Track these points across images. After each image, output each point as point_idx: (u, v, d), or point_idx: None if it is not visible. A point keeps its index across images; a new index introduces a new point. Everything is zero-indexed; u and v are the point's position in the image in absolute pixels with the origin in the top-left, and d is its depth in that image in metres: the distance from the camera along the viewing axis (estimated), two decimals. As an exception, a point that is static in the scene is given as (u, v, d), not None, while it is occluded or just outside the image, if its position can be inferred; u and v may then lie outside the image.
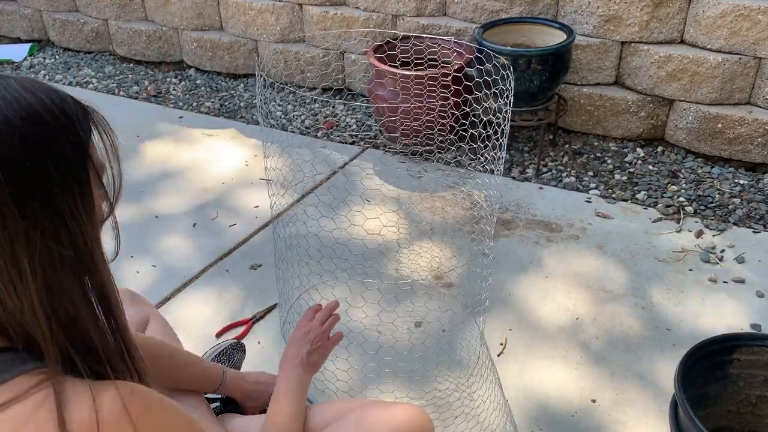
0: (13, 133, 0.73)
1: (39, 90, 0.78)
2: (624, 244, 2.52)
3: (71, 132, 0.78)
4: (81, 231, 0.78)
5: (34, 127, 0.74)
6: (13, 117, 0.74)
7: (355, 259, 2.37)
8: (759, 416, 1.65)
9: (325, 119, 3.51)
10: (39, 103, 0.76)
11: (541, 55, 2.79)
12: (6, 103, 0.74)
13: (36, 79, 0.80)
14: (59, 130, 0.76)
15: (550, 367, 2.02)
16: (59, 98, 0.79)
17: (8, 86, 0.76)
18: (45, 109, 0.76)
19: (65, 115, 0.78)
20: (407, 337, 2.09)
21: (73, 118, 0.79)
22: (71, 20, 4.32)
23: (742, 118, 2.89)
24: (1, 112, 0.73)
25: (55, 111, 0.77)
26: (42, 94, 0.77)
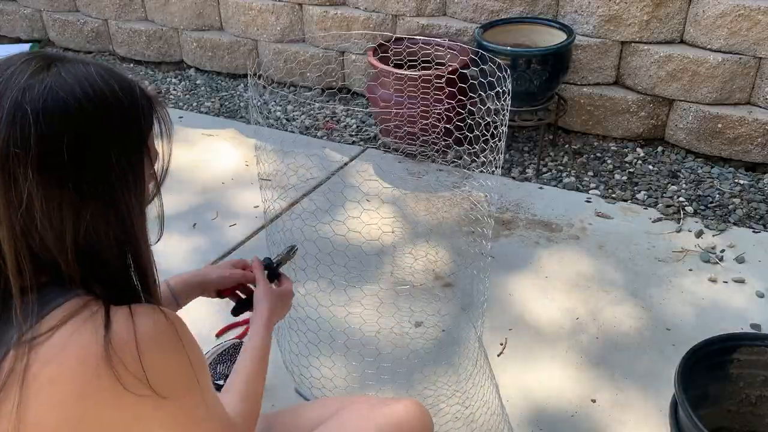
0: (83, 115, 0.79)
1: (113, 78, 0.84)
2: (624, 244, 2.52)
3: (135, 120, 0.85)
4: (129, 212, 0.85)
5: (103, 112, 0.81)
6: (85, 100, 0.80)
7: (352, 263, 2.37)
8: (759, 416, 1.65)
9: (324, 119, 3.51)
10: (110, 90, 0.82)
11: (541, 55, 2.79)
12: (82, 87, 0.80)
13: (112, 67, 0.86)
14: (125, 118, 0.83)
15: (550, 367, 2.01)
16: (129, 87, 0.85)
17: (87, 72, 0.82)
18: (114, 97, 0.82)
19: (132, 104, 0.85)
20: (405, 342, 2.08)
21: (139, 108, 0.85)
22: (71, 20, 4.32)
23: (742, 118, 2.89)
24: (76, 95, 0.79)
25: (123, 99, 0.83)
26: (114, 83, 0.83)
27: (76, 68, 0.82)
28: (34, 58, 0.82)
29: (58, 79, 0.80)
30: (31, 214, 0.78)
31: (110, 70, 0.85)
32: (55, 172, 0.78)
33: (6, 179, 0.77)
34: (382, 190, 2.87)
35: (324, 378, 1.91)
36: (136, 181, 0.86)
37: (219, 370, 1.88)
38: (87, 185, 0.80)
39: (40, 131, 0.77)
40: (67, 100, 0.79)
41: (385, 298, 2.24)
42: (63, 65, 0.82)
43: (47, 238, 0.80)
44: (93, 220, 0.81)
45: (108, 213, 0.83)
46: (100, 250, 0.84)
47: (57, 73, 0.80)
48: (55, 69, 0.81)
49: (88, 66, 0.83)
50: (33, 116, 0.77)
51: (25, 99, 0.77)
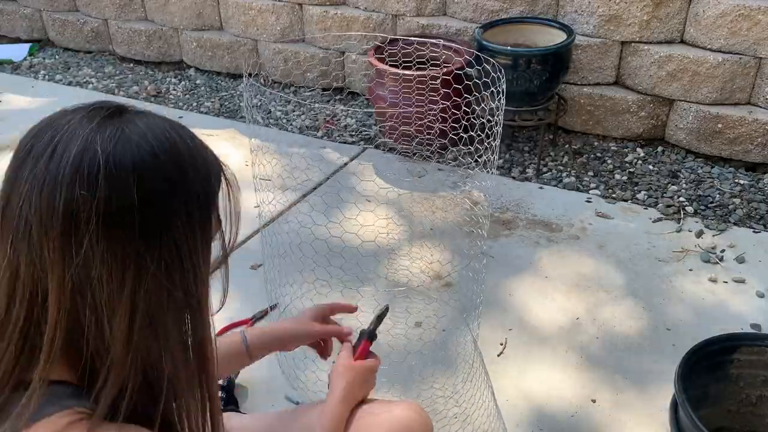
0: (156, 166, 0.75)
1: (185, 133, 0.81)
2: (624, 244, 2.52)
3: (206, 179, 0.81)
4: (194, 274, 0.79)
5: (177, 166, 0.77)
6: (159, 150, 0.76)
7: (349, 265, 2.37)
8: (759, 416, 1.65)
9: (324, 119, 3.51)
10: (184, 145, 0.79)
11: (541, 55, 2.79)
12: (155, 136, 0.76)
13: (183, 125, 0.82)
14: (197, 175, 0.79)
15: (550, 367, 2.01)
16: (202, 145, 0.82)
17: (160, 122, 0.79)
18: (188, 152, 0.79)
19: (204, 161, 0.81)
20: (401, 345, 2.07)
21: (210, 167, 0.82)
22: (71, 20, 4.32)
23: (742, 118, 2.89)
24: (148, 142, 0.75)
25: (197, 156, 0.80)
26: (187, 137, 0.80)
27: (149, 118, 0.79)
28: (105, 105, 0.78)
29: (131, 125, 0.76)
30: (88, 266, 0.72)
31: (182, 126, 0.81)
32: (120, 220, 0.72)
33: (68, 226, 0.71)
34: (379, 190, 2.87)
35: (321, 381, 1.90)
36: (204, 242, 0.81)
37: (219, 370, 1.87)
38: (153, 239, 0.74)
39: (109, 173, 0.72)
40: (140, 145, 0.74)
41: (382, 301, 2.22)
42: (136, 114, 0.79)
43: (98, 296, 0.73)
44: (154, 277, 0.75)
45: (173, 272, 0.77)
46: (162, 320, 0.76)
47: (130, 120, 0.77)
48: (128, 116, 0.77)
49: (161, 118, 0.80)
50: (103, 157, 0.72)
51: (95, 140, 0.73)
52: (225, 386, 1.84)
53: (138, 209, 0.73)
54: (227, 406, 1.80)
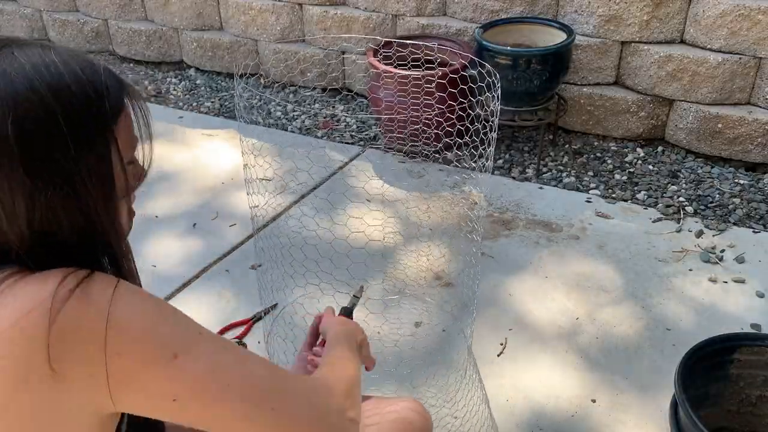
0: (36, 100, 0.74)
1: (74, 61, 0.78)
2: (624, 244, 2.52)
3: (96, 106, 0.78)
4: (93, 202, 0.79)
5: (59, 97, 0.75)
6: (39, 85, 0.74)
7: (348, 266, 2.36)
8: (759, 416, 1.65)
9: (324, 119, 3.51)
10: (70, 74, 0.76)
11: (541, 55, 2.79)
12: (37, 70, 0.75)
13: (78, 51, 0.81)
14: (84, 104, 0.77)
15: (550, 366, 2.01)
16: (92, 71, 0.79)
17: (45, 55, 0.77)
18: (74, 81, 0.76)
19: (94, 88, 0.78)
20: (395, 353, 2.06)
21: (102, 93, 0.79)
22: (71, 20, 4.32)
23: (742, 118, 2.89)
24: (29, 79, 0.74)
25: (84, 83, 0.77)
26: (76, 65, 0.77)
27: (33, 51, 0.77)
28: None
29: (10, 59, 0.76)
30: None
31: (74, 53, 0.80)
32: (4, 155, 0.73)
33: None
34: (379, 190, 2.87)
35: None
36: (100, 168, 0.79)
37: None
38: (39, 170, 0.75)
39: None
40: (16, 81, 0.74)
41: (375, 308, 2.21)
42: (20, 48, 0.77)
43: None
44: (50, 207, 0.76)
45: (67, 202, 0.77)
46: (58, 235, 0.78)
47: (10, 54, 0.76)
48: (8, 50, 0.77)
49: (48, 49, 0.78)
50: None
51: None
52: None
53: (15, 142, 0.73)
54: None
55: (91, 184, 0.78)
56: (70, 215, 0.78)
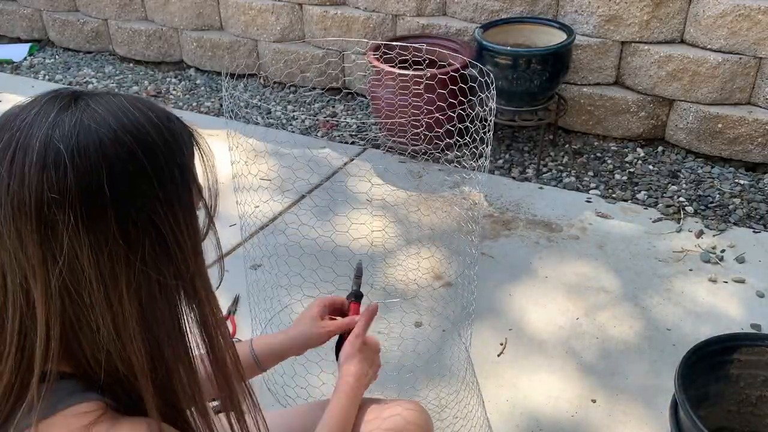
0: (120, 148, 0.69)
1: (148, 108, 0.74)
2: (624, 244, 2.52)
3: (178, 153, 0.75)
4: (183, 257, 0.75)
5: (143, 145, 0.71)
6: (122, 133, 0.70)
7: (346, 267, 2.36)
8: (759, 416, 1.65)
9: (324, 119, 3.51)
10: (147, 120, 0.73)
11: (541, 55, 2.79)
12: (115, 117, 0.71)
13: (146, 98, 0.78)
14: (167, 150, 0.73)
15: (550, 366, 2.01)
16: (166, 117, 0.76)
17: (119, 101, 0.73)
18: (153, 127, 0.73)
19: (172, 134, 0.75)
20: (395, 358, 2.05)
21: (179, 138, 0.76)
22: (71, 20, 4.32)
23: (742, 118, 2.89)
24: (109, 125, 0.70)
25: (163, 129, 0.74)
26: (152, 113, 0.74)
27: (106, 99, 0.73)
28: (59, 95, 0.73)
29: (89, 111, 0.70)
30: (73, 267, 0.68)
31: (143, 99, 0.76)
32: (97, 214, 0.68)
33: (44, 231, 0.67)
34: (379, 191, 2.87)
35: (310, 386, 1.89)
36: (188, 219, 0.76)
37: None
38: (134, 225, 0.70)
39: (76, 168, 0.67)
40: (102, 132, 0.69)
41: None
42: (92, 98, 0.73)
43: (94, 298, 0.69)
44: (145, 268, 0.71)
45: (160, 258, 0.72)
46: (158, 311, 0.73)
47: (86, 106, 0.71)
48: (83, 102, 0.72)
49: (119, 97, 0.74)
50: (67, 153, 0.67)
51: (55, 136, 0.68)
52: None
53: (112, 199, 0.68)
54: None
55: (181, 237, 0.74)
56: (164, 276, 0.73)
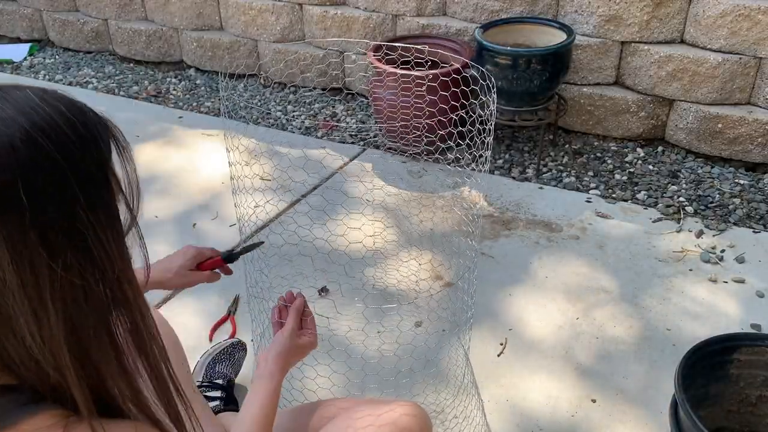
0: (33, 149, 0.65)
1: (57, 101, 0.70)
2: (624, 244, 2.52)
3: (94, 148, 0.70)
4: (108, 258, 0.71)
5: (57, 143, 0.67)
6: (32, 130, 0.66)
7: (346, 269, 2.36)
8: (759, 416, 1.65)
9: (324, 119, 3.51)
10: (60, 116, 0.68)
11: (541, 55, 2.79)
12: (24, 115, 0.66)
13: (53, 90, 0.72)
14: (82, 146, 0.69)
15: (550, 366, 2.01)
16: (79, 110, 0.71)
17: (26, 97, 0.69)
18: (66, 122, 0.68)
19: (86, 128, 0.70)
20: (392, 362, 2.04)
21: (95, 133, 0.71)
22: (71, 20, 4.32)
23: (742, 118, 2.89)
24: (19, 125, 0.66)
25: (77, 124, 0.69)
26: (62, 105, 0.69)
27: (13, 96, 0.68)
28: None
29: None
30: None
31: (53, 93, 0.71)
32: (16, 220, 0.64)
33: None
34: (379, 191, 2.87)
35: (306, 390, 1.89)
36: (108, 216, 0.71)
37: (218, 369, 1.88)
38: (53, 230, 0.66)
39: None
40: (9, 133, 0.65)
41: (372, 316, 2.19)
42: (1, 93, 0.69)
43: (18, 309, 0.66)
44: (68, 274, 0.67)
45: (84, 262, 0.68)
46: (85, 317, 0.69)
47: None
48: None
49: (24, 91, 0.70)
50: None
51: None
52: (225, 386, 1.84)
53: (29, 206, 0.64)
54: (227, 406, 1.80)
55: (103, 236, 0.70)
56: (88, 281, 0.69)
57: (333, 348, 1.98)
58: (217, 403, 1.78)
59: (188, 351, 1.67)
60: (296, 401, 1.86)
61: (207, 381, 1.84)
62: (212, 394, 1.79)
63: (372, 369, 1.98)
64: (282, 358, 1.23)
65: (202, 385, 1.82)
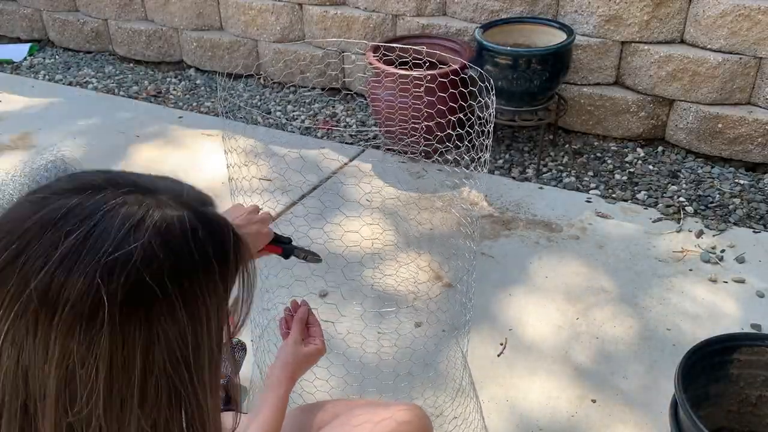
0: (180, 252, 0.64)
1: (197, 206, 0.68)
2: (624, 244, 2.52)
3: (223, 252, 0.69)
4: (208, 365, 0.67)
5: (198, 249, 0.65)
6: (178, 241, 0.65)
7: (346, 270, 2.36)
8: (759, 416, 1.65)
9: (324, 120, 3.51)
10: (196, 224, 0.67)
11: (541, 55, 2.79)
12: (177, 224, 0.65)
13: (205, 194, 0.71)
14: (216, 252, 0.67)
15: (550, 366, 2.01)
16: (223, 227, 0.70)
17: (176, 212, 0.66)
18: (206, 228, 0.67)
19: (219, 232, 0.69)
20: (390, 365, 2.03)
21: (230, 253, 0.69)
22: (71, 20, 4.32)
23: (742, 118, 2.89)
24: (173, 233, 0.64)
25: (211, 231, 0.68)
26: (196, 221, 0.67)
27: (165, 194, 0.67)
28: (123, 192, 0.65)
29: (157, 210, 0.65)
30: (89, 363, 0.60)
31: (189, 190, 0.70)
32: (137, 314, 0.62)
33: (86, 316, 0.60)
34: (378, 190, 2.87)
35: (304, 392, 1.88)
36: (218, 330, 0.69)
37: (219, 369, 1.87)
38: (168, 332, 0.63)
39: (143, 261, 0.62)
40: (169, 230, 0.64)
41: (370, 320, 2.19)
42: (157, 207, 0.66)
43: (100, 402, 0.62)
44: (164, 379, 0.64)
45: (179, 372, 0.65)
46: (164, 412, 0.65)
47: (157, 205, 0.66)
48: (152, 199, 0.66)
49: (173, 187, 0.69)
50: (144, 242, 0.62)
51: (144, 221, 0.63)
52: (224, 386, 1.84)
53: (161, 298, 0.63)
54: (226, 406, 1.79)
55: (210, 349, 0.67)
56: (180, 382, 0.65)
57: (331, 351, 1.98)
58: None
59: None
60: (294, 403, 1.86)
61: (207, 381, 1.83)
62: None
63: (371, 372, 1.98)
64: (289, 368, 1.25)
65: (201, 385, 1.81)
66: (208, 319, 0.67)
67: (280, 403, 1.20)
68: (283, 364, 1.25)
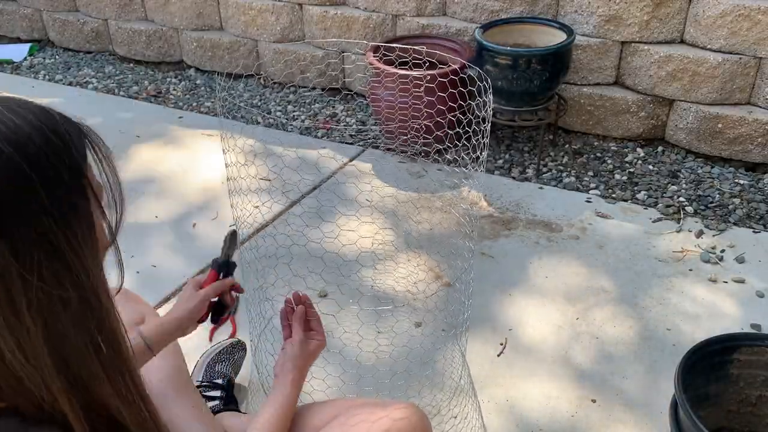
0: (3, 163, 0.64)
1: (26, 109, 0.69)
2: (624, 244, 2.52)
3: (65, 155, 0.69)
4: (83, 267, 0.69)
5: (24, 153, 0.66)
6: (3, 147, 0.65)
7: (345, 271, 2.36)
8: (759, 416, 1.65)
9: (324, 119, 3.51)
10: (28, 125, 0.67)
11: (541, 55, 2.79)
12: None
13: (21, 98, 0.71)
14: (52, 154, 0.68)
15: (550, 366, 2.01)
16: (49, 118, 0.70)
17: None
18: (35, 130, 0.67)
19: (58, 136, 0.69)
20: (387, 364, 2.03)
21: (67, 139, 0.70)
22: (71, 20, 4.32)
23: (742, 118, 2.89)
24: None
25: (47, 132, 0.68)
26: (30, 115, 0.68)
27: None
28: None
29: None
30: None
31: (21, 101, 0.70)
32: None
33: None
34: (378, 190, 2.87)
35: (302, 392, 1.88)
36: (83, 226, 0.69)
37: (218, 369, 1.88)
38: (24, 241, 0.64)
39: None
40: None
41: (367, 318, 2.19)
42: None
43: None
44: (43, 284, 0.65)
45: (58, 272, 0.67)
46: (64, 329, 0.68)
47: None
48: None
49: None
50: None
51: None
52: (224, 386, 1.84)
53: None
54: (227, 406, 1.79)
55: (77, 246, 0.68)
56: (65, 290, 0.68)
57: (329, 350, 1.98)
58: (217, 402, 1.78)
59: (188, 351, 1.67)
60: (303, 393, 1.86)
61: (207, 381, 1.84)
62: (212, 393, 1.79)
63: (368, 371, 1.98)
64: (297, 368, 1.31)
65: (201, 384, 1.82)
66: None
67: (288, 400, 1.24)
68: (292, 364, 1.30)
